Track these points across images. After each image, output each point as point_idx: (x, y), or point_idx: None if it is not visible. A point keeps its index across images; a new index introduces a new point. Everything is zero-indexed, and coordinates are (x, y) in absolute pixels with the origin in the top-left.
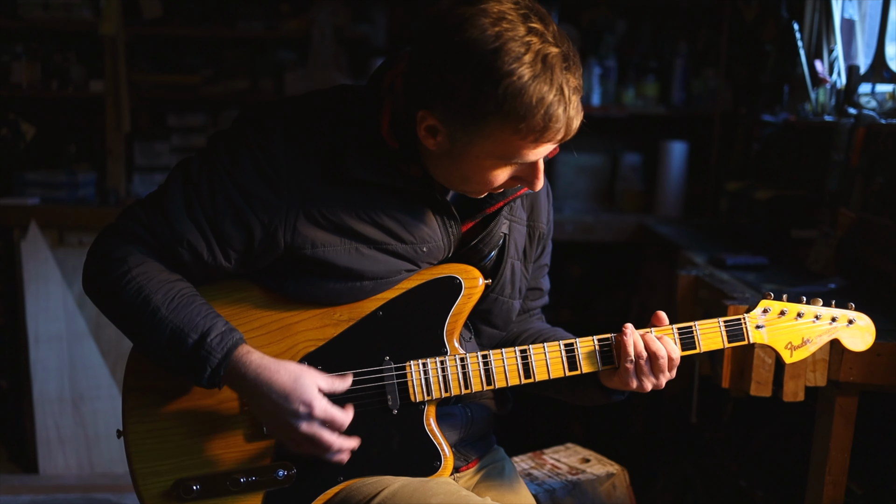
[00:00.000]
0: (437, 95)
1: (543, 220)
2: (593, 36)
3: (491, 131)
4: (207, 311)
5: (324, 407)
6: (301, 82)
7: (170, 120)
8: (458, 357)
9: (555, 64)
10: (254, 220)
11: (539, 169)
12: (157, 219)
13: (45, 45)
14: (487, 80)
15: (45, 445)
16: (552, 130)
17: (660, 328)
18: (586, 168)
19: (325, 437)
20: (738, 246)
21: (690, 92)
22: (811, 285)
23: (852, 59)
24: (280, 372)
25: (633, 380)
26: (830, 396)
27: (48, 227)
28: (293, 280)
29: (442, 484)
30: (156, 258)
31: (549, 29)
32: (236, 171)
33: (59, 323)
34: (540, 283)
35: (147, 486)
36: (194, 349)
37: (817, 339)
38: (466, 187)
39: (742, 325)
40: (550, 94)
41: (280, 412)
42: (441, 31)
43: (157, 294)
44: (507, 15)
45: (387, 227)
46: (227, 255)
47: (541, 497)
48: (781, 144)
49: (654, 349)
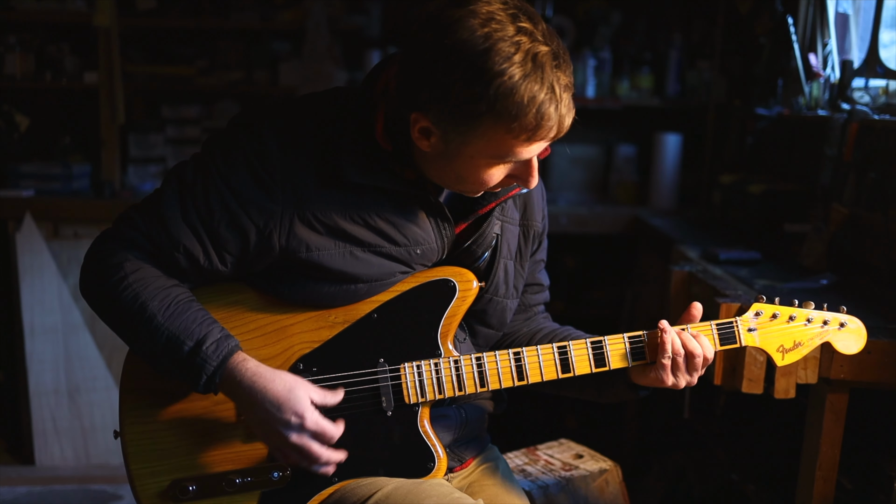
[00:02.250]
0: (430, 98)
1: (538, 217)
2: (588, 27)
3: (484, 131)
4: (203, 318)
5: (315, 419)
6: (295, 73)
7: (164, 111)
8: (452, 359)
9: (545, 62)
10: (249, 223)
11: (533, 167)
12: (154, 224)
13: (38, 37)
14: (479, 81)
15: (42, 437)
16: (545, 128)
17: (695, 325)
18: (581, 159)
19: (314, 449)
20: (732, 240)
21: (685, 84)
22: (803, 281)
23: (846, 53)
24: (275, 381)
25: (668, 377)
26: (821, 393)
27: (43, 219)
28: (288, 283)
29: (435, 486)
30: (152, 263)
31: (538, 28)
32: (231, 175)
33: (54, 315)
34: (538, 278)
35: (144, 487)
36: (190, 356)
37: (809, 343)
38: (462, 187)
39: (734, 329)
40: (542, 93)
41: (272, 421)
42: (431, 33)
43: (154, 301)
44: (495, 15)
45: (380, 230)
46: (223, 259)
47: (534, 494)
48: (775, 138)
49: (691, 347)
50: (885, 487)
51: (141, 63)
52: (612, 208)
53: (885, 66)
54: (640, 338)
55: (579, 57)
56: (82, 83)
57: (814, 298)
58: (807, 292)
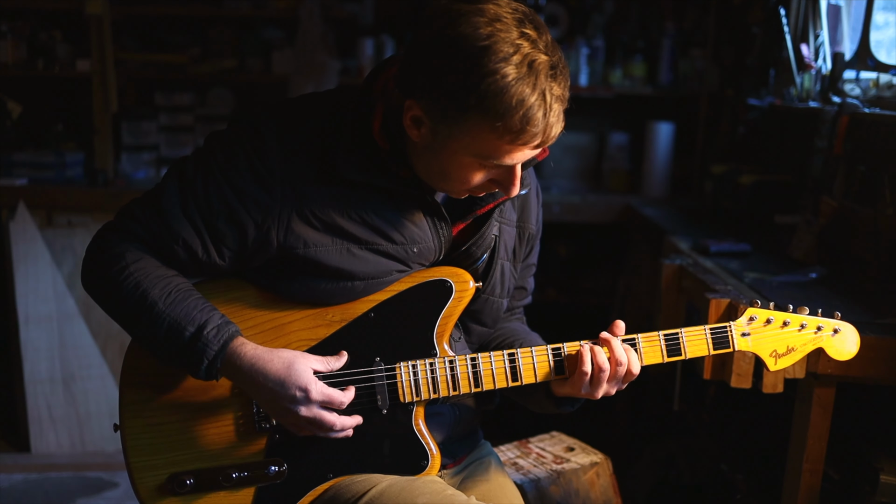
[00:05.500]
0: (424, 85)
1: (533, 220)
2: (581, 15)
3: (470, 127)
4: (203, 305)
5: (319, 390)
6: (288, 61)
7: (157, 99)
8: (448, 359)
9: (540, 70)
10: (247, 218)
11: (516, 175)
12: (154, 217)
13: (30, 24)
14: (472, 75)
15: (37, 425)
16: (529, 133)
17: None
18: (574, 147)
19: (326, 418)
20: (722, 230)
21: (677, 73)
22: (793, 274)
23: (838, 45)
24: (274, 361)
25: (584, 389)
26: (809, 388)
27: (36, 207)
28: (286, 280)
29: (428, 483)
30: (152, 255)
31: (542, 38)
32: (231, 170)
33: (48, 303)
34: (525, 283)
35: (143, 480)
36: (191, 342)
37: (802, 348)
38: (445, 185)
39: (728, 333)
40: (531, 98)
41: (279, 399)
42: (436, 24)
43: (155, 289)
44: (502, 17)
45: (377, 228)
46: (221, 253)
47: (526, 487)
48: (766, 128)
49: (617, 357)
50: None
51: (133, 51)
52: (605, 197)
53: (876, 59)
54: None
55: (572, 45)
56: (75, 71)
57: (803, 292)
58: (796, 286)
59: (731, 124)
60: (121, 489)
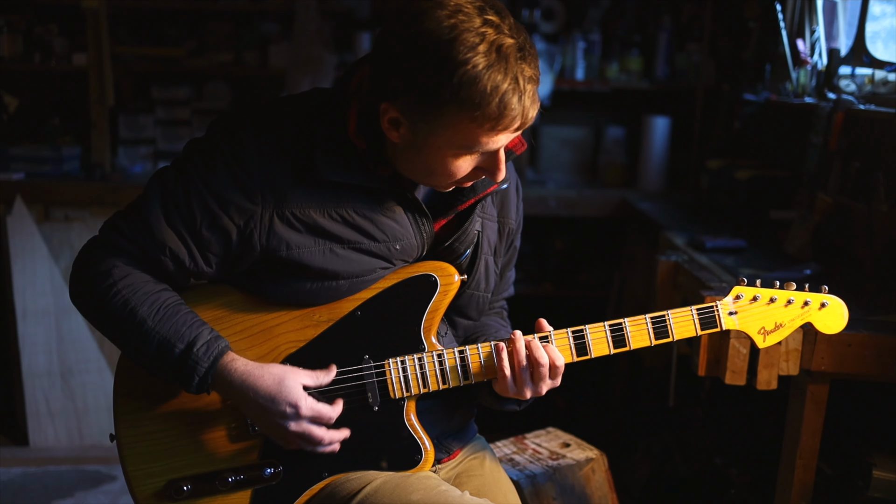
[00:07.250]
0: (397, 87)
1: (513, 215)
2: (578, 9)
3: (449, 120)
4: (193, 320)
5: (309, 405)
6: (285, 55)
7: (154, 92)
8: (436, 353)
9: (509, 54)
10: (230, 224)
11: (500, 160)
12: (139, 229)
13: (26, 18)
14: (443, 70)
15: (35, 418)
16: (508, 118)
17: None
18: (570, 141)
19: (315, 433)
20: (718, 225)
21: (674, 67)
22: (788, 270)
23: (834, 40)
24: (264, 377)
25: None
26: (802, 384)
27: (33, 201)
28: (272, 282)
29: (422, 479)
30: (140, 268)
31: (504, 21)
32: (210, 177)
33: (46, 298)
34: (506, 276)
35: (141, 488)
36: (181, 359)
37: (790, 324)
38: (432, 180)
39: (715, 313)
40: (505, 83)
41: (269, 415)
42: (399, 24)
43: (143, 306)
44: (463, 8)
45: (359, 226)
46: (207, 260)
47: (522, 483)
48: (762, 123)
49: (536, 356)
50: (864, 474)
51: (130, 44)
52: (601, 191)
53: (872, 56)
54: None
55: (569, 39)
56: (71, 64)
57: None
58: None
59: (727, 119)
60: (119, 482)
